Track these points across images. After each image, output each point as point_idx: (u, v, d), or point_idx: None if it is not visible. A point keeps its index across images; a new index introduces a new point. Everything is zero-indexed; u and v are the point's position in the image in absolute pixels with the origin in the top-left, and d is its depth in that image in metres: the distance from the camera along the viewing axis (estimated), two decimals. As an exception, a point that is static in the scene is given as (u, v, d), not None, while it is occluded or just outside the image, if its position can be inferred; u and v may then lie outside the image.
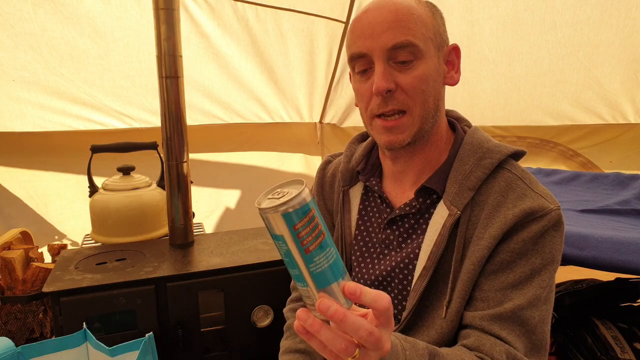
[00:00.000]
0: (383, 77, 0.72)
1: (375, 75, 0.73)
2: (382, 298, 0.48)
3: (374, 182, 0.87)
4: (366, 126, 0.82)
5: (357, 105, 0.84)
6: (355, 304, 0.51)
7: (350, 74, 0.86)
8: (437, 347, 0.66)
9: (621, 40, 1.97)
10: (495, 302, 0.72)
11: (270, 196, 0.48)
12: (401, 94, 0.73)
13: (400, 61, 0.73)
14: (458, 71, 0.81)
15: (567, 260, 0.99)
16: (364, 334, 0.47)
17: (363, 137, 0.97)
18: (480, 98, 2.28)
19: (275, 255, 1.27)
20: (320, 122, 2.57)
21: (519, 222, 0.72)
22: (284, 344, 0.97)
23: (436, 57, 0.76)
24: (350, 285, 0.49)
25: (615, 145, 2.37)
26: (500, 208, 0.74)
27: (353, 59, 0.77)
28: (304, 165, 2.61)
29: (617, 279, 1.31)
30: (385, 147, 0.79)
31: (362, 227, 0.89)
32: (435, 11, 0.78)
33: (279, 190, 0.49)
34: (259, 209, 0.47)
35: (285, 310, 1.04)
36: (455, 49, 0.80)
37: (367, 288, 0.49)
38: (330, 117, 2.55)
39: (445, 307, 0.75)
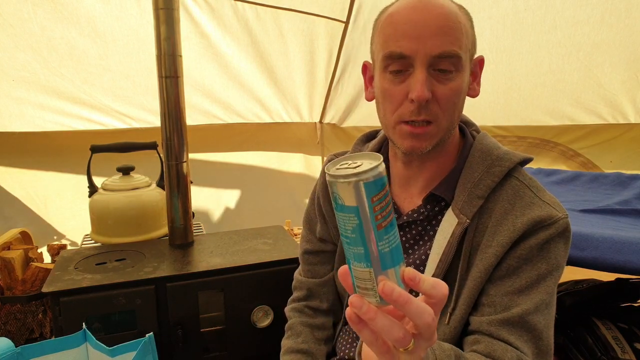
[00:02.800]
0: (425, 86, 0.69)
1: (415, 82, 0.69)
2: (440, 285, 0.45)
3: None
4: (387, 128, 0.78)
5: (368, 99, 0.81)
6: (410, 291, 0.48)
7: (369, 66, 0.82)
8: (458, 349, 0.65)
9: (621, 40, 1.97)
10: (502, 307, 0.72)
11: (339, 166, 0.45)
12: (435, 105, 0.71)
13: (440, 69, 0.70)
14: (479, 83, 0.80)
15: (567, 261, 0.99)
16: (429, 318, 0.44)
17: (368, 137, 0.96)
18: (481, 98, 2.26)
19: (276, 255, 1.27)
20: (320, 122, 2.57)
21: (527, 231, 0.72)
22: (285, 343, 0.97)
23: (468, 69, 0.75)
24: (410, 270, 0.45)
25: (615, 145, 2.37)
26: (508, 216, 0.73)
27: (391, 58, 0.71)
28: (304, 165, 2.61)
29: (617, 279, 1.30)
30: (405, 152, 0.77)
31: None
32: (471, 19, 0.75)
33: (349, 161, 0.45)
34: (333, 175, 0.43)
35: (286, 309, 1.04)
36: (481, 61, 0.79)
37: (423, 275, 0.46)
38: (330, 117, 2.55)
39: (449, 314, 0.75)
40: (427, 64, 0.69)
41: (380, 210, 0.43)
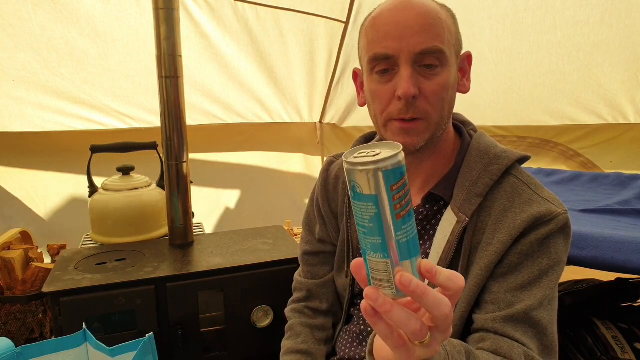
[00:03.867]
0: (410, 82, 0.70)
1: (400, 79, 0.71)
2: (457, 277, 0.45)
3: None
4: (379, 128, 0.79)
5: (361, 105, 0.82)
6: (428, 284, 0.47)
7: (358, 72, 0.84)
8: (467, 344, 0.65)
9: (621, 40, 1.97)
10: (505, 303, 0.72)
11: (357, 154, 0.44)
12: (423, 101, 0.72)
13: (425, 65, 0.71)
14: (469, 79, 0.81)
15: (567, 260, 0.99)
16: (446, 309, 0.43)
17: (367, 138, 0.96)
18: (480, 98, 2.28)
19: (276, 255, 1.27)
20: (320, 122, 2.57)
21: (527, 228, 0.72)
22: (285, 344, 0.97)
23: (455, 65, 0.76)
24: (427, 262, 0.45)
25: (615, 145, 2.37)
26: (508, 214, 0.74)
27: (376, 59, 0.73)
28: (304, 165, 2.61)
29: (617, 279, 1.30)
30: None
31: None
32: (455, 17, 0.77)
33: (367, 150, 0.45)
34: (352, 163, 0.42)
35: (286, 310, 1.04)
36: (469, 57, 0.80)
37: (440, 267, 0.45)
38: (330, 117, 2.55)
39: None
40: (412, 61, 0.71)
41: (399, 199, 0.43)
